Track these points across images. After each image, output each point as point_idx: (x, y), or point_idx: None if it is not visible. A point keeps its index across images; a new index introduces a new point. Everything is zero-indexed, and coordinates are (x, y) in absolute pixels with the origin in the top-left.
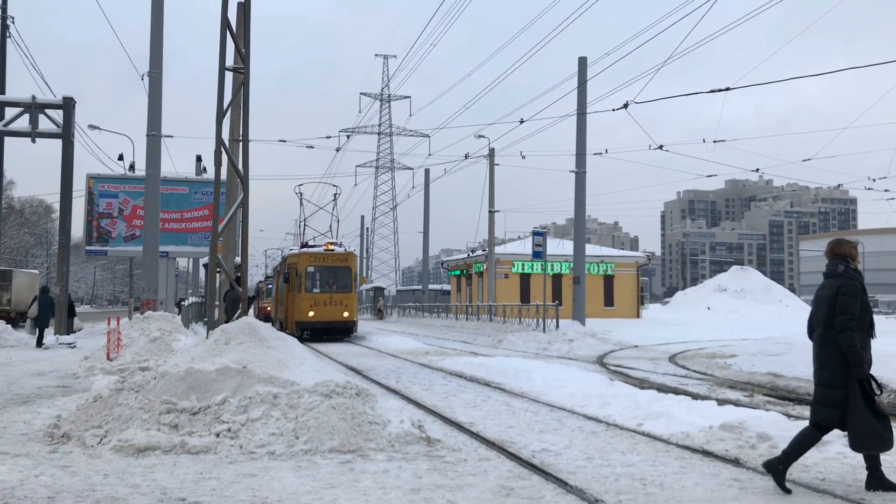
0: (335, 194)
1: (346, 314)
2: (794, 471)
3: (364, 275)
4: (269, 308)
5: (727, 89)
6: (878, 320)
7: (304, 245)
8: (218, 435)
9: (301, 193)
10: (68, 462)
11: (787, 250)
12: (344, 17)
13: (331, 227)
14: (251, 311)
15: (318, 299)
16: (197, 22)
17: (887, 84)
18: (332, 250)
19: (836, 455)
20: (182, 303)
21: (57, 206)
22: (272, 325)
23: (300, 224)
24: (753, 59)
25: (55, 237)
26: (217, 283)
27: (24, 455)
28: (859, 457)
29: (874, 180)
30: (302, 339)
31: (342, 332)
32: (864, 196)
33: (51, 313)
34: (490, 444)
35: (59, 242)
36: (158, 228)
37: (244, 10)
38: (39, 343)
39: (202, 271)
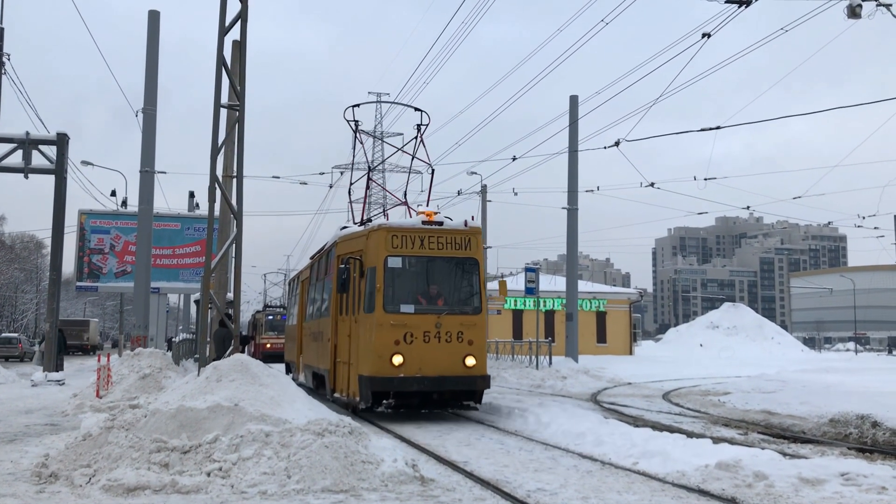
0: (420, 125)
1: (469, 360)
2: None
3: None
4: (269, 345)
5: (717, 128)
6: (869, 357)
7: (363, 222)
8: (209, 474)
9: (357, 122)
10: (56, 502)
11: (779, 287)
12: (338, 55)
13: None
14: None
15: (414, 328)
16: (192, 58)
17: (870, 124)
18: (441, 223)
19: (832, 495)
20: (172, 339)
21: (48, 241)
22: (293, 377)
23: (351, 174)
24: (743, 99)
25: (46, 273)
26: (209, 320)
27: (10, 495)
28: (858, 496)
29: (863, 217)
30: (370, 408)
31: (461, 396)
32: (854, 233)
33: (62, 347)
34: (485, 483)
35: (49, 278)
36: (150, 264)
37: (239, 48)
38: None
39: (193, 307)
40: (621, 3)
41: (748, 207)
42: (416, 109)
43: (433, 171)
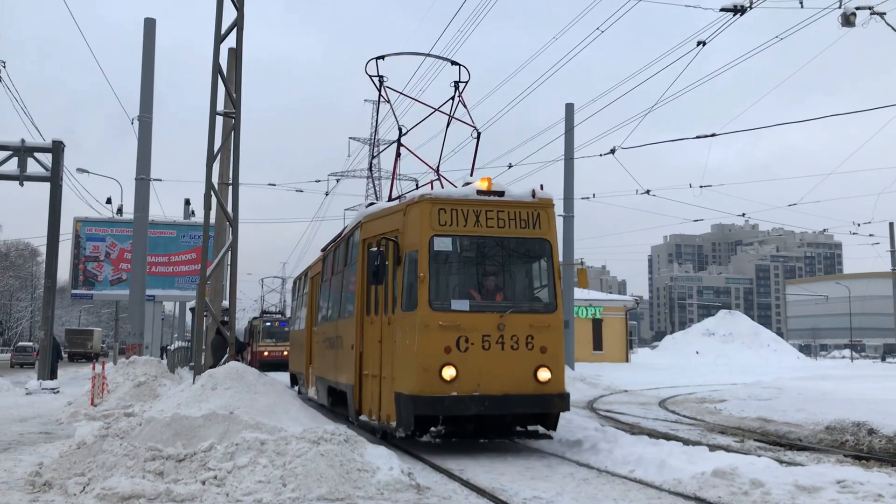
0: (459, 82)
1: (542, 373)
2: None
3: None
4: (267, 353)
5: (713, 135)
6: (865, 364)
7: (395, 199)
8: (204, 482)
9: (382, 78)
10: None
11: (774, 294)
12: (333, 63)
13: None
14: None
15: (469, 330)
16: (188, 66)
17: (866, 132)
18: (501, 193)
19: (829, 502)
20: (168, 347)
21: (43, 249)
22: (300, 390)
23: (372, 148)
24: (738, 106)
25: (41, 280)
26: (205, 328)
27: None
28: None
29: (858, 225)
30: (412, 436)
31: (528, 420)
32: (849, 241)
33: (59, 355)
34: (481, 491)
35: (44, 286)
36: (145, 272)
37: (235, 56)
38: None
39: (189, 315)
40: (617, 11)
41: (744, 215)
42: (454, 63)
43: (479, 134)
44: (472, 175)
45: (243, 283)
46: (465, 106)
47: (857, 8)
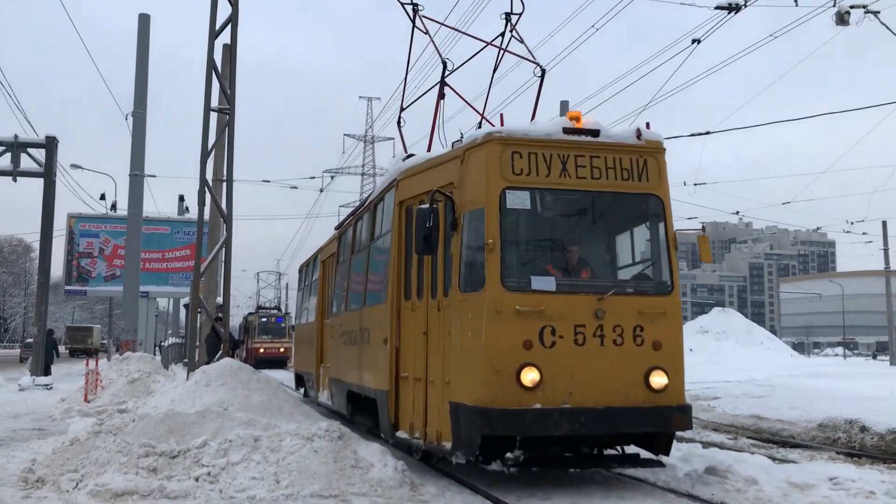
0: (510, 13)
1: (656, 377)
2: None
3: None
4: (263, 350)
5: (707, 133)
6: (857, 362)
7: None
8: (197, 479)
9: (416, 6)
10: None
11: (768, 292)
12: (329, 60)
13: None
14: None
15: (557, 318)
16: (183, 62)
17: (859, 130)
18: (596, 132)
19: (821, 499)
20: (161, 344)
21: (36, 245)
22: (307, 393)
23: (402, 98)
24: (732, 105)
25: (34, 276)
26: (199, 324)
27: None
28: (846, 501)
29: (852, 223)
30: (476, 462)
31: (629, 440)
32: (843, 239)
33: (55, 353)
34: (475, 489)
35: (38, 282)
36: (139, 268)
37: (230, 52)
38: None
39: (183, 312)
40: (611, 9)
41: (738, 213)
42: None
43: (543, 71)
44: (533, 120)
45: (237, 280)
46: (521, 40)
47: (852, 6)
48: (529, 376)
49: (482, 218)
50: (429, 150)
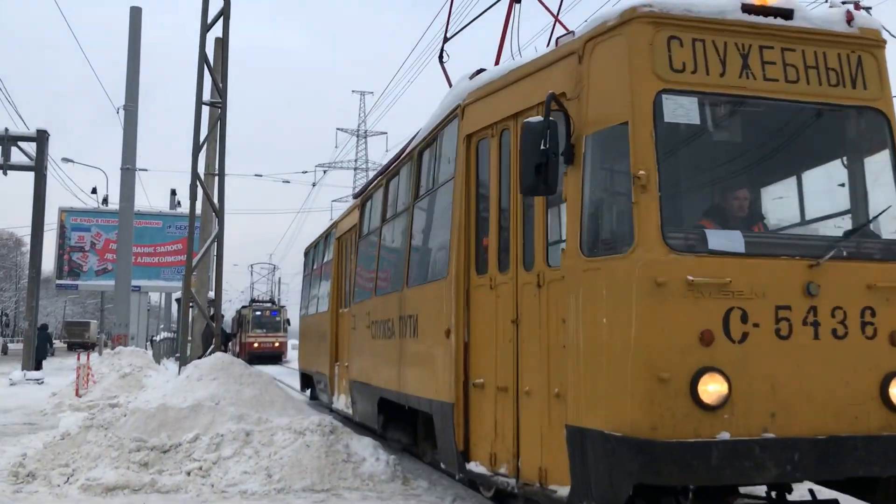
0: None
1: None
2: None
3: None
4: (257, 344)
5: None
6: None
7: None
8: (189, 473)
9: None
10: (34, 502)
11: None
12: (322, 55)
13: None
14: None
15: (747, 296)
16: (175, 56)
17: None
18: (788, 12)
19: None
20: (153, 338)
21: (27, 239)
22: (312, 396)
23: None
24: None
25: (25, 270)
26: (190, 318)
27: None
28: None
29: None
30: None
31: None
32: None
33: (48, 347)
34: (466, 483)
35: (29, 276)
36: (131, 262)
37: (222, 46)
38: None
39: (175, 306)
40: (603, 5)
41: None
42: None
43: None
44: None
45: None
46: None
47: (843, 2)
48: (712, 388)
49: (623, 138)
50: (498, 63)
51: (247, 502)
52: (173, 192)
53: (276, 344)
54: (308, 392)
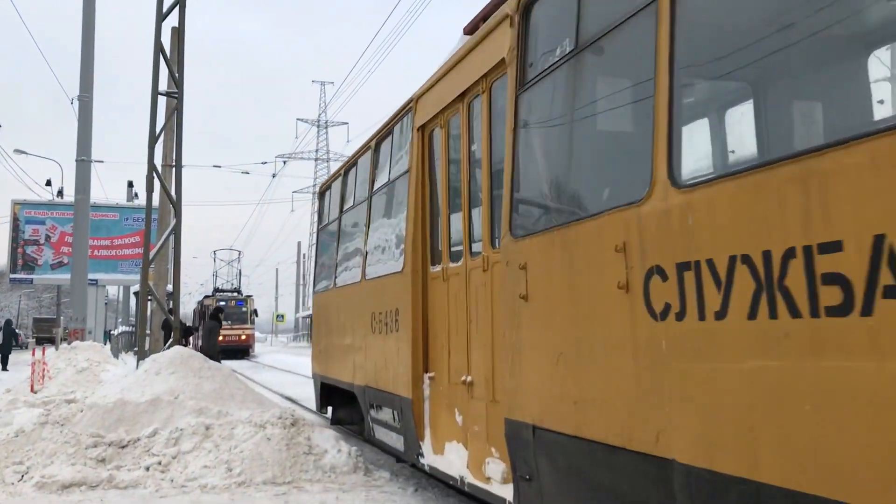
0: None
1: None
2: None
3: (301, 301)
4: (223, 338)
5: None
6: None
7: None
8: (148, 468)
9: None
10: None
11: None
12: (282, 44)
13: None
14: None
15: None
16: (134, 46)
17: None
18: None
19: None
20: (111, 332)
21: None
22: (335, 420)
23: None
24: None
25: None
26: (149, 312)
27: None
28: None
29: None
30: None
31: None
32: None
33: (13, 342)
34: (428, 474)
35: None
36: (87, 255)
37: (178, 35)
38: (4, 367)
39: (133, 299)
40: None
41: None
42: None
43: None
44: None
45: (189, 267)
46: None
47: None
48: None
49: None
50: None
51: (207, 496)
52: (130, 184)
53: (244, 337)
54: (329, 412)
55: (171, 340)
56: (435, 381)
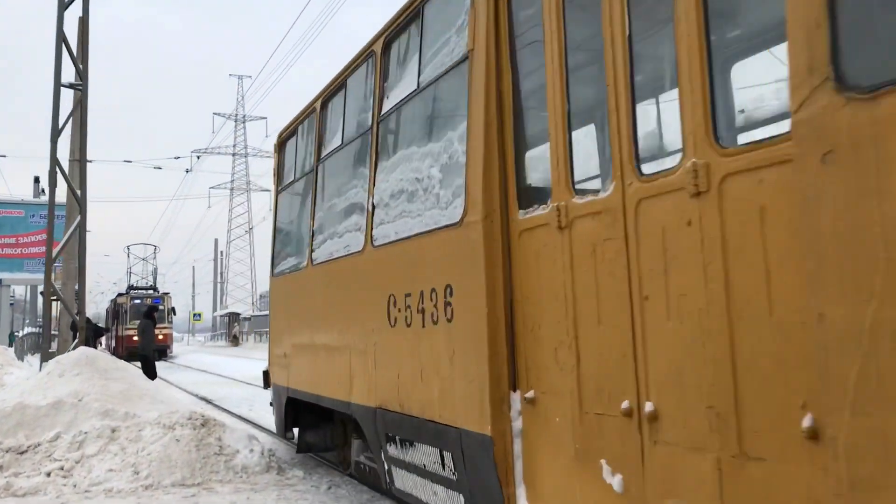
0: None
1: None
2: None
3: (219, 300)
4: (137, 337)
5: None
6: None
7: None
8: (49, 474)
9: None
10: None
11: None
12: (200, 35)
13: None
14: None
15: None
16: (40, 36)
17: None
18: None
19: None
20: (15, 333)
21: None
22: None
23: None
24: None
25: None
26: (56, 312)
27: None
28: None
29: None
30: None
31: None
32: None
33: None
34: (341, 471)
35: None
36: None
37: (82, 25)
38: None
39: (40, 299)
40: None
41: None
42: None
43: None
44: None
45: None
46: None
47: None
48: None
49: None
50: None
51: (112, 501)
52: (37, 180)
53: (161, 336)
54: (295, 434)
55: (76, 341)
56: (538, 406)
